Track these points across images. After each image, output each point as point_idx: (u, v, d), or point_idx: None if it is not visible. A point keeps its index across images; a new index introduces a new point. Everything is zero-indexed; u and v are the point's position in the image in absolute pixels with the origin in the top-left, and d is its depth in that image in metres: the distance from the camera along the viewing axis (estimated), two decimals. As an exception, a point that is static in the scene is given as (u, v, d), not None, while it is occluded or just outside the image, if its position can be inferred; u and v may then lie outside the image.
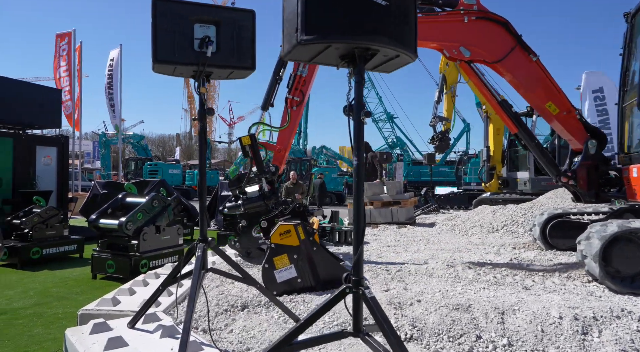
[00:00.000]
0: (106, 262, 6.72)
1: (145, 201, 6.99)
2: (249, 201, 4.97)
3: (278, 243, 3.50)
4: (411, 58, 1.92)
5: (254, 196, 5.02)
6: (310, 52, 1.90)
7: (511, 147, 11.15)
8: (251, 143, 4.87)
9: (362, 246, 1.83)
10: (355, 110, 1.89)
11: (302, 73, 5.27)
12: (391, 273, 4.05)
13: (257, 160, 4.93)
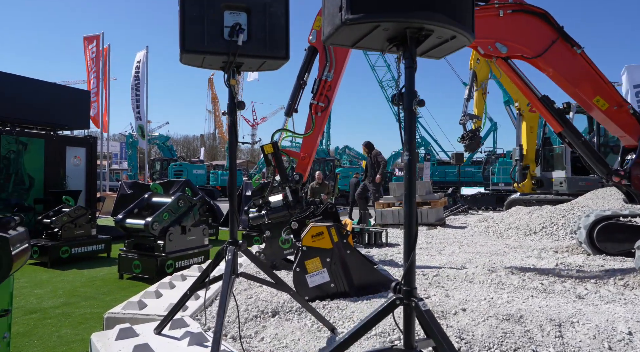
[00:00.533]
0: (132, 262, 6.69)
1: (171, 201, 6.93)
2: (273, 211, 4.82)
3: (310, 246, 3.32)
4: (468, 39, 1.70)
5: (278, 206, 4.87)
6: (355, 34, 1.70)
7: (545, 145, 10.68)
8: (274, 151, 4.72)
9: (414, 252, 1.61)
10: (406, 99, 1.68)
11: (327, 77, 5.07)
12: (428, 278, 3.81)
13: (280, 169, 4.77)
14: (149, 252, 6.71)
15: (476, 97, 10.16)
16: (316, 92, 5.08)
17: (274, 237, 4.87)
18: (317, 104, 5.09)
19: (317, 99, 5.08)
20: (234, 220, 2.58)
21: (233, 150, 2.53)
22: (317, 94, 5.07)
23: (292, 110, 5.08)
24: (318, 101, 5.08)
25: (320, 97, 5.08)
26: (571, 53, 4.92)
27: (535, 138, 10.61)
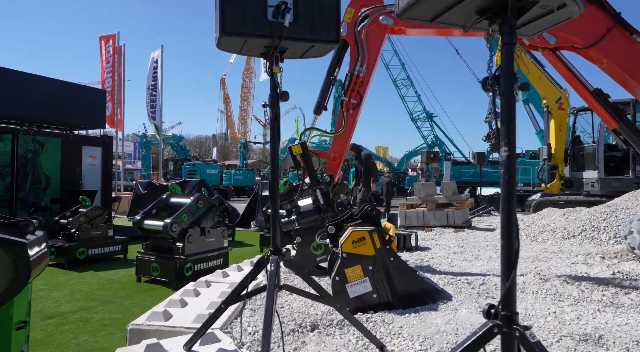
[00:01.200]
0: (151, 265, 6.46)
1: (190, 202, 6.70)
2: (303, 216, 4.54)
3: (351, 252, 3.02)
4: (579, 9, 1.39)
5: (309, 210, 4.59)
6: (436, 7, 1.41)
7: (575, 144, 10.24)
8: (303, 152, 4.44)
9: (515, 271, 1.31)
10: (505, 82, 1.38)
11: (359, 73, 4.77)
12: (475, 287, 3.49)
13: (310, 170, 4.49)
14: (168, 254, 6.48)
15: (503, 95, 9.73)
16: (347, 88, 4.79)
17: (305, 243, 4.59)
18: (349, 100, 4.80)
19: (349, 95, 4.79)
20: (276, 225, 2.29)
21: (275, 146, 2.24)
22: (348, 90, 4.78)
23: (322, 108, 4.81)
24: (350, 98, 4.79)
25: (351, 94, 4.80)
26: (629, 41, 4.52)
27: (564, 137, 10.17)
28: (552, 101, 10.15)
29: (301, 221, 4.51)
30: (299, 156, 4.46)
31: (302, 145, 4.44)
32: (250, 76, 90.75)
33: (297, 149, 4.43)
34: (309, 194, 4.67)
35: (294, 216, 4.59)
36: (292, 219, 4.55)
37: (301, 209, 4.60)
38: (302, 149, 4.42)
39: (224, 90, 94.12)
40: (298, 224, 4.50)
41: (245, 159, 37.43)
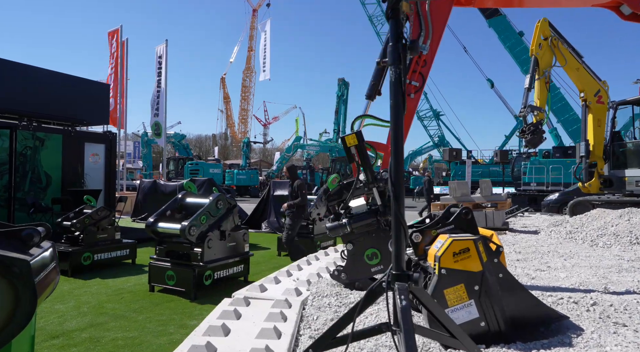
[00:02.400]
0: (165, 273, 5.78)
1: (210, 202, 6.01)
2: (357, 219, 3.87)
3: (451, 268, 2.34)
4: None
5: (363, 212, 3.92)
6: None
7: (615, 140, 9.57)
8: (358, 143, 3.77)
9: None
10: None
11: (422, 50, 4.07)
12: (589, 309, 2.79)
13: (367, 165, 3.85)
14: (185, 261, 5.80)
15: (538, 87, 9.08)
16: (408, 68, 4.08)
17: (357, 251, 3.90)
18: (410, 83, 4.11)
19: (409, 77, 4.10)
20: (401, 235, 1.59)
21: (399, 120, 1.55)
22: (409, 71, 4.08)
23: (376, 92, 4.10)
24: (410, 80, 4.10)
25: (413, 75, 4.10)
26: None
27: (603, 132, 9.51)
28: (591, 94, 9.49)
29: (354, 225, 3.83)
30: (354, 148, 3.78)
31: (358, 134, 3.76)
32: (250, 75, 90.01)
33: (351, 139, 3.75)
34: (360, 194, 3.98)
35: (345, 218, 3.90)
36: (343, 222, 3.87)
37: (353, 210, 3.91)
38: (357, 139, 3.73)
39: (224, 90, 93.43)
40: (350, 228, 3.81)
41: (248, 158, 36.74)
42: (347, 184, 4.08)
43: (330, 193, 4.13)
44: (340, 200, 4.03)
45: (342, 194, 4.04)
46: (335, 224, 3.91)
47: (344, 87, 45.96)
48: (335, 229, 3.88)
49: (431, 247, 2.54)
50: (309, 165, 39.76)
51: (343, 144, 3.85)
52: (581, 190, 9.94)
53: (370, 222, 3.87)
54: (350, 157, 3.84)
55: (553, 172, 21.92)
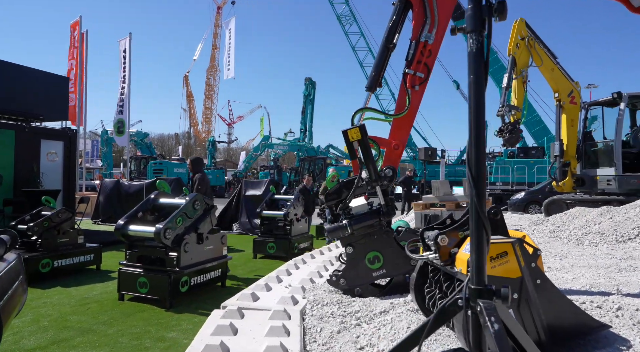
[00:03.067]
0: (137, 279, 5.29)
1: (186, 203, 5.57)
2: (358, 220, 3.59)
3: (489, 275, 2.08)
4: None
5: (364, 212, 3.64)
6: None
7: (586, 140, 9.78)
8: (361, 138, 3.51)
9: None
10: None
11: (427, 39, 3.83)
12: (617, 315, 2.61)
13: (371, 161, 3.62)
14: (159, 266, 5.33)
15: (515, 86, 9.12)
16: (412, 58, 3.83)
17: (357, 254, 3.61)
18: (414, 74, 3.86)
19: (414, 67, 3.86)
20: (482, 241, 1.30)
21: (480, 104, 1.26)
22: (413, 62, 3.82)
23: (377, 83, 3.85)
24: (415, 71, 3.84)
25: (417, 66, 3.85)
26: None
27: (576, 132, 9.69)
28: (565, 95, 9.64)
29: (355, 226, 3.54)
30: (357, 143, 3.49)
31: (361, 128, 3.48)
32: (214, 74, 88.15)
33: (354, 134, 3.47)
34: (362, 193, 3.70)
35: (345, 219, 3.60)
36: (343, 223, 3.57)
37: (353, 210, 3.62)
38: (360, 134, 3.45)
39: (187, 88, 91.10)
40: (351, 230, 3.52)
41: (213, 158, 35.82)
42: (347, 182, 3.79)
43: (329, 192, 3.82)
44: (339, 199, 3.72)
45: (341, 193, 3.74)
46: (335, 225, 3.61)
47: (310, 86, 45.70)
48: (335, 231, 3.58)
49: (460, 251, 2.28)
50: (277, 164, 39.23)
51: (345, 139, 3.56)
52: (555, 189, 10.10)
53: (373, 224, 3.60)
54: (352, 153, 3.55)
55: (518, 172, 22.54)
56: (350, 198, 3.62)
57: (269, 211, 9.02)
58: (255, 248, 8.77)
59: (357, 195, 3.68)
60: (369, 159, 3.56)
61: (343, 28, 38.29)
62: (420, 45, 3.86)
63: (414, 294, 2.77)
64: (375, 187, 3.60)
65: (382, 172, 3.68)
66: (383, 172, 3.69)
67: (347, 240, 3.59)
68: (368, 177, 3.60)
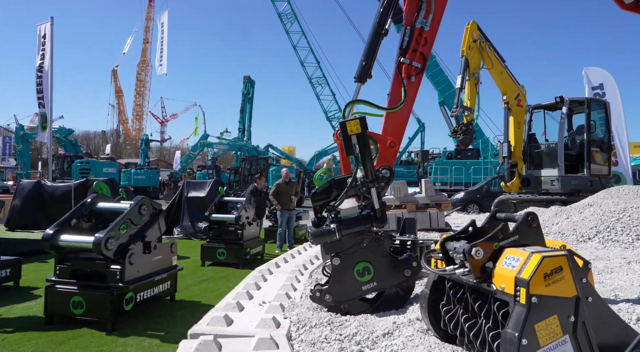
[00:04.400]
0: (71, 299, 4.50)
1: (131, 207, 4.84)
2: (348, 225, 3.19)
3: (543, 294, 1.76)
4: None
5: (354, 216, 3.26)
6: None
7: (531, 142, 10.16)
8: (361, 131, 3.12)
9: None
10: None
11: (423, 26, 3.52)
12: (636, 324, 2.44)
13: (369, 159, 3.22)
14: (99, 282, 4.57)
15: (468, 88, 9.23)
16: (407, 46, 3.50)
17: (345, 266, 3.20)
18: (410, 64, 3.52)
19: (410, 56, 3.53)
20: None
21: None
22: (409, 51, 3.49)
23: (367, 73, 3.48)
24: (411, 60, 3.51)
25: (414, 55, 3.52)
26: None
27: (522, 134, 10.03)
28: (512, 97, 9.94)
29: (344, 232, 3.14)
30: (355, 137, 3.08)
31: (362, 121, 3.08)
32: (146, 69, 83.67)
33: (354, 126, 3.07)
34: (353, 194, 3.30)
35: (333, 223, 3.18)
36: (331, 228, 3.15)
37: (342, 214, 3.22)
38: (361, 127, 3.05)
39: (115, 83, 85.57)
40: (339, 236, 3.12)
41: (147, 157, 33.70)
42: (337, 182, 3.36)
43: (316, 191, 3.38)
44: (327, 200, 3.29)
45: (330, 193, 3.31)
46: (322, 230, 3.18)
47: (249, 85, 44.68)
48: (322, 236, 3.15)
49: (498, 266, 1.94)
50: (215, 164, 37.83)
51: (342, 131, 3.15)
52: (503, 189, 10.40)
53: (363, 230, 3.20)
54: (348, 148, 3.15)
55: (455, 173, 23.42)
56: (342, 200, 3.21)
57: (219, 214, 8.34)
58: (204, 255, 8.06)
59: (349, 197, 3.28)
60: (367, 157, 3.19)
61: (284, 26, 37.81)
62: (416, 32, 3.54)
63: (426, 312, 2.40)
64: (370, 188, 3.21)
65: (379, 172, 3.31)
66: (380, 172, 3.31)
67: (332, 248, 3.17)
68: (363, 177, 3.21)
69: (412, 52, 3.55)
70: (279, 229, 9.79)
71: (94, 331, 4.38)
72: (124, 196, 7.54)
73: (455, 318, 2.22)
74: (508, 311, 1.86)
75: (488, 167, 22.93)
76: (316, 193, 3.34)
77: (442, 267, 2.32)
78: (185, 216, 12.15)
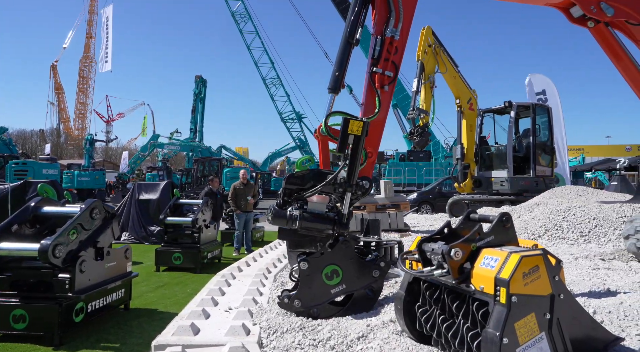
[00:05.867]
0: (11, 313, 4.15)
1: (81, 211, 4.54)
2: (310, 219, 3.19)
3: (522, 293, 1.79)
4: None
5: (320, 213, 3.24)
6: None
7: (482, 145, 10.59)
8: (361, 135, 3.18)
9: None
10: None
11: (393, 35, 3.56)
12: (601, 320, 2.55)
13: (357, 163, 3.24)
14: (44, 292, 4.24)
15: (424, 91, 9.49)
16: (379, 56, 3.54)
17: (313, 270, 3.16)
18: (383, 73, 3.56)
19: (382, 66, 3.56)
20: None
21: None
22: (380, 60, 3.53)
23: (340, 83, 3.53)
24: (384, 69, 3.54)
25: (386, 65, 3.56)
26: None
27: (474, 137, 10.43)
28: (464, 101, 10.32)
29: (304, 223, 3.14)
30: (352, 137, 3.14)
31: (365, 126, 3.22)
32: (89, 65, 79.42)
33: (356, 127, 3.14)
34: (328, 192, 3.30)
35: (297, 211, 3.18)
36: (294, 214, 3.14)
37: (308, 207, 3.21)
38: (362, 131, 3.16)
39: (55, 79, 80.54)
40: (298, 225, 3.13)
41: (92, 158, 31.99)
42: (317, 173, 3.32)
43: (293, 174, 3.34)
44: (300, 187, 3.25)
45: (305, 181, 3.27)
46: (284, 212, 3.15)
47: (201, 84, 43.61)
48: (281, 218, 3.14)
49: (477, 267, 1.96)
50: (166, 166, 36.54)
51: (343, 127, 3.18)
52: (456, 189, 10.77)
53: (323, 229, 3.21)
54: (342, 145, 3.17)
55: (408, 174, 24.04)
56: (314, 192, 3.18)
57: (174, 217, 8.02)
58: (158, 259, 7.71)
59: (321, 193, 3.25)
60: (356, 161, 3.21)
61: (238, 26, 37.24)
62: (387, 41, 3.58)
63: (402, 314, 2.40)
64: (346, 192, 3.21)
65: (360, 181, 3.32)
66: (361, 181, 3.32)
67: (285, 234, 3.21)
68: (344, 179, 3.20)
69: (384, 61, 3.60)
70: (236, 232, 9.57)
71: (38, 346, 4.05)
72: (69, 199, 7.09)
73: (432, 319, 2.23)
74: (487, 310, 1.89)
75: (439, 169, 23.73)
76: (293, 176, 3.32)
77: (417, 268, 2.32)
78: (136, 219, 11.60)
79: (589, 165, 30.10)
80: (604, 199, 7.59)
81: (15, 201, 9.59)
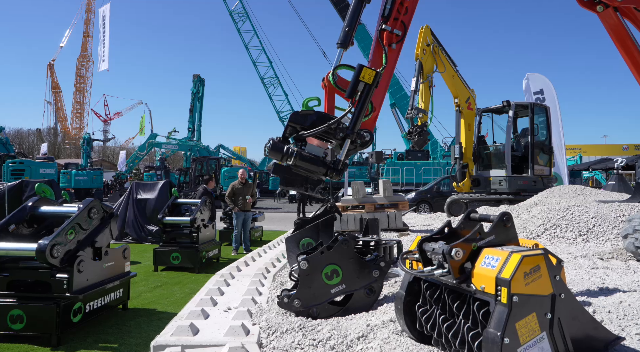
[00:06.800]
0: (9, 313, 4.14)
1: (79, 211, 4.53)
2: (306, 157, 3.18)
3: (523, 293, 1.78)
4: None
5: (315, 155, 3.23)
6: None
7: (480, 144, 10.60)
8: (372, 83, 3.18)
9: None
10: None
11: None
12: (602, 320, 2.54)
13: (362, 112, 3.23)
14: (42, 293, 4.22)
15: (422, 90, 9.49)
16: (389, 14, 3.63)
17: (313, 269, 3.14)
18: (392, 31, 3.64)
19: (391, 24, 3.66)
20: None
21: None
22: (390, 18, 3.64)
23: (350, 39, 3.57)
24: (393, 28, 3.63)
25: (395, 23, 3.65)
26: None
27: (472, 136, 10.43)
28: (463, 101, 10.32)
29: (299, 162, 3.14)
30: (363, 85, 3.16)
31: (377, 76, 3.17)
32: (87, 65, 79.21)
33: (368, 75, 3.14)
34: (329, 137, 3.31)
35: (295, 147, 3.21)
36: (291, 149, 3.15)
37: (307, 148, 3.27)
38: (373, 80, 3.15)
39: (52, 78, 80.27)
40: (292, 162, 3.13)
41: (89, 157, 31.92)
42: (321, 116, 3.30)
43: (299, 112, 3.32)
44: (302, 126, 3.23)
45: (307, 121, 3.25)
46: (281, 146, 3.12)
47: (199, 83, 43.54)
48: (278, 152, 3.11)
49: (477, 266, 1.96)
50: (164, 165, 36.47)
51: (355, 74, 3.17)
52: (455, 189, 10.78)
53: (316, 171, 3.20)
54: (352, 91, 3.17)
55: (406, 173, 24.07)
56: (315, 132, 3.16)
57: (173, 217, 8.00)
58: (157, 259, 7.70)
59: (320, 136, 3.25)
60: (362, 109, 3.20)
61: (235, 25, 37.19)
62: (397, 0, 3.66)
63: (402, 314, 2.39)
64: (346, 139, 3.21)
65: (362, 131, 3.32)
66: (362, 131, 3.32)
67: (279, 170, 3.21)
68: (346, 126, 3.21)
69: (394, 20, 3.67)
70: (234, 232, 9.56)
71: (36, 347, 4.04)
72: (67, 198, 7.06)
73: (433, 319, 2.22)
74: (488, 310, 1.88)
75: (437, 168, 23.76)
76: (298, 114, 3.29)
77: (417, 268, 2.32)
78: (135, 218, 11.58)
79: (586, 164, 30.20)
80: (602, 198, 7.62)
81: (12, 201, 9.56)
